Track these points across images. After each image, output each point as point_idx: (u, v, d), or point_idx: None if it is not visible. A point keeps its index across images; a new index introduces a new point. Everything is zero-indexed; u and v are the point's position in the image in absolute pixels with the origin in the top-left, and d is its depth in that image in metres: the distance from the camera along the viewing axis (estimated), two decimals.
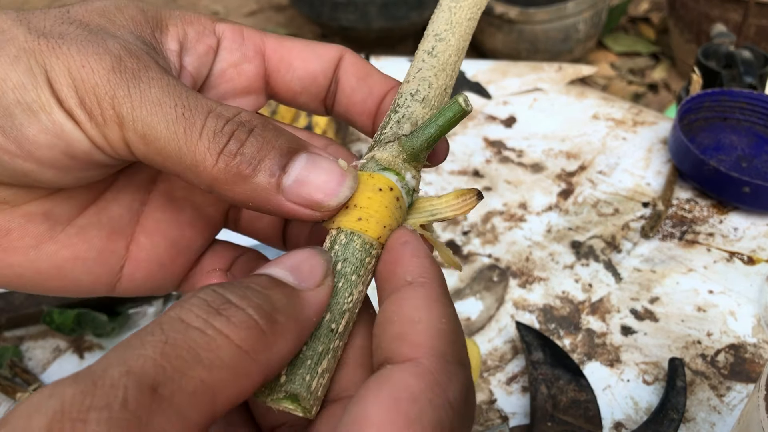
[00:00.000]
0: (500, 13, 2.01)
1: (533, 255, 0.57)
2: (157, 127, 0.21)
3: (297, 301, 0.20)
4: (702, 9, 1.83)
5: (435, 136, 0.25)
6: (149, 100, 0.21)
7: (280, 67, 0.27)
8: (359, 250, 0.23)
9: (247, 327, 0.18)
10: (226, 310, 0.18)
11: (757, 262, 0.55)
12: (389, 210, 0.24)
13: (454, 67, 0.28)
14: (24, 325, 0.51)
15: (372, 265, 0.23)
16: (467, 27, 0.29)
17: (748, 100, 0.67)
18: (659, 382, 0.47)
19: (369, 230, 0.23)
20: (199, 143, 0.21)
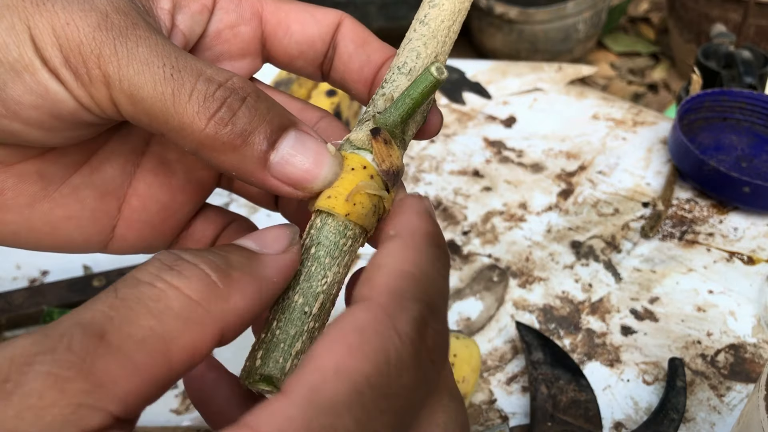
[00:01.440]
0: (500, 13, 2.01)
1: (533, 255, 0.57)
2: (145, 87, 0.21)
3: (255, 261, 0.21)
4: (702, 9, 1.83)
5: (408, 110, 0.24)
6: (136, 59, 0.21)
7: (277, 31, 0.27)
8: (332, 233, 0.23)
9: (198, 279, 0.18)
10: (178, 266, 0.19)
11: (757, 262, 0.55)
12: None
13: (447, 32, 0.26)
14: (24, 325, 0.51)
15: (349, 246, 0.23)
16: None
17: (748, 100, 0.67)
18: (659, 382, 0.47)
19: (336, 207, 0.23)
20: (188, 106, 0.21)
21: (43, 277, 0.56)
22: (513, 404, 0.46)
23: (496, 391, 0.46)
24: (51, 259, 0.57)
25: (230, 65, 0.27)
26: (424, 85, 0.23)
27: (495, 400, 0.46)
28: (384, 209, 0.24)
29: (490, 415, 0.45)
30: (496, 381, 0.47)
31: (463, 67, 0.82)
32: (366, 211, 0.23)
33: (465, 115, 0.74)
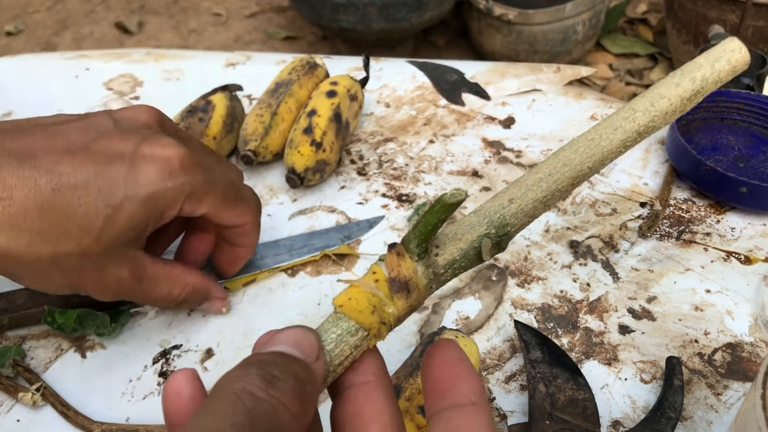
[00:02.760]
0: (499, 14, 2.01)
1: (531, 254, 0.57)
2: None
3: (311, 372, 0.24)
4: (700, 10, 1.84)
5: (421, 228, 0.26)
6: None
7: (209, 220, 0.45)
8: (328, 322, 0.27)
9: (295, 396, 0.23)
10: (278, 382, 0.23)
11: (754, 262, 0.56)
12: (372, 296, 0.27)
13: (534, 184, 0.28)
14: (26, 324, 0.51)
15: (337, 336, 0.26)
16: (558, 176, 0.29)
17: (745, 101, 0.67)
18: (657, 380, 0.47)
19: (335, 300, 0.27)
20: (156, 302, 0.47)
21: None
22: (511, 402, 0.46)
23: (494, 389, 0.47)
24: None
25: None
26: (435, 207, 0.26)
27: (493, 398, 0.46)
28: (390, 316, 0.27)
29: None
30: (495, 379, 0.47)
31: (462, 68, 0.82)
32: (361, 307, 0.26)
33: (464, 116, 0.74)
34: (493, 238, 0.27)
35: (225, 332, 0.51)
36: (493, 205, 0.28)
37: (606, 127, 0.28)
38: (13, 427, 0.45)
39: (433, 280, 0.27)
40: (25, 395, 0.46)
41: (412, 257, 0.27)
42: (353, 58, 0.84)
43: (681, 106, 0.29)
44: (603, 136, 0.28)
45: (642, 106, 0.28)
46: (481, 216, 0.28)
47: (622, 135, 0.28)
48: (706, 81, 0.29)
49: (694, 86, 0.29)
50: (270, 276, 0.56)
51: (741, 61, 0.30)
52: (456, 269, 0.28)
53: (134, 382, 0.48)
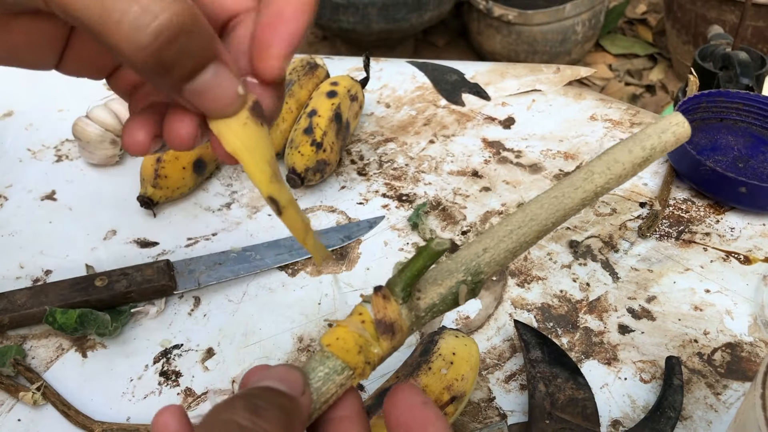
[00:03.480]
0: (499, 15, 2.01)
1: (531, 254, 0.57)
2: (73, 2, 0.21)
3: (296, 405, 0.25)
4: (699, 10, 1.84)
5: (408, 273, 0.28)
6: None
7: None
8: (315, 360, 0.28)
9: (279, 423, 0.23)
10: (263, 411, 0.23)
11: (754, 262, 0.56)
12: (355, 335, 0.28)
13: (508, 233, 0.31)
14: (27, 324, 0.51)
15: (325, 374, 0.27)
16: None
17: (744, 101, 0.67)
18: (656, 380, 0.47)
19: (323, 339, 0.28)
20: (118, 30, 0.21)
21: (46, 277, 0.56)
22: (511, 402, 0.46)
23: (494, 389, 0.47)
24: (54, 258, 0.58)
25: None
26: (422, 255, 0.27)
27: (493, 398, 0.46)
28: (375, 356, 0.28)
29: (489, 413, 0.45)
30: (495, 379, 0.47)
31: (462, 68, 0.82)
32: (348, 347, 0.27)
33: (464, 116, 0.75)
34: (468, 284, 0.30)
35: (226, 332, 0.51)
36: (469, 254, 0.30)
37: (568, 186, 0.32)
38: (14, 426, 0.45)
39: (414, 322, 0.29)
40: (26, 394, 0.46)
41: (396, 300, 0.28)
42: (353, 59, 0.84)
43: (632, 170, 0.33)
44: (565, 194, 0.31)
45: (599, 168, 0.32)
46: (458, 263, 0.30)
47: (581, 194, 0.32)
48: (654, 150, 0.33)
49: (644, 154, 0.33)
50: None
51: (684, 134, 0.34)
52: (435, 312, 0.30)
53: (135, 381, 0.48)
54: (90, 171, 0.67)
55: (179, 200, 0.63)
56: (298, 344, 0.50)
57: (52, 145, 0.71)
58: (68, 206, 0.63)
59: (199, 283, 0.54)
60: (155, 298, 0.53)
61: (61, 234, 0.60)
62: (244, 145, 0.26)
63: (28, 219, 0.62)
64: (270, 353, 0.50)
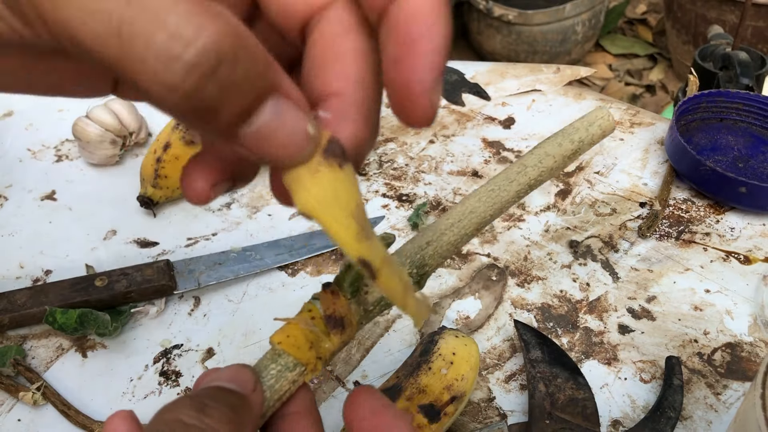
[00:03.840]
0: (499, 14, 2.01)
1: (531, 254, 0.57)
2: (88, 38, 0.16)
3: (246, 402, 0.25)
4: (699, 10, 1.84)
5: (354, 270, 0.28)
6: (78, 5, 0.16)
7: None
8: (267, 358, 0.28)
9: (227, 420, 0.23)
10: (209, 409, 0.23)
11: (754, 262, 0.56)
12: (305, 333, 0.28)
13: (449, 226, 0.31)
14: (27, 324, 0.51)
15: (277, 372, 0.27)
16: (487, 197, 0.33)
17: (744, 101, 0.67)
18: (656, 380, 0.47)
19: (273, 338, 0.28)
20: (142, 68, 0.16)
21: (46, 277, 0.56)
22: (511, 402, 0.46)
23: (494, 389, 0.47)
24: (54, 258, 0.58)
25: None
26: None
27: (493, 398, 0.46)
28: (327, 351, 0.28)
29: (489, 413, 0.45)
30: (495, 379, 0.47)
31: (462, 68, 0.82)
32: (299, 343, 0.27)
33: (464, 116, 0.75)
34: (414, 277, 0.30)
35: (226, 332, 0.51)
36: (413, 247, 0.31)
37: (503, 179, 0.33)
38: (14, 426, 0.45)
39: (363, 316, 0.30)
40: (26, 394, 0.46)
41: (345, 295, 0.28)
42: None
43: (563, 162, 0.34)
44: (501, 188, 0.33)
45: (531, 162, 0.34)
46: (403, 257, 0.30)
47: (516, 187, 0.33)
48: (582, 142, 0.35)
49: (573, 146, 0.34)
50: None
51: (609, 126, 0.35)
52: (383, 306, 0.30)
53: (135, 381, 0.48)
54: (90, 171, 0.67)
55: (179, 200, 0.63)
56: None
57: (52, 145, 0.71)
58: (68, 206, 0.63)
59: (199, 283, 0.54)
60: (155, 298, 0.53)
61: (61, 234, 0.60)
62: (317, 200, 0.21)
63: (28, 219, 0.62)
64: None
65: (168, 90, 0.16)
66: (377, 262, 0.22)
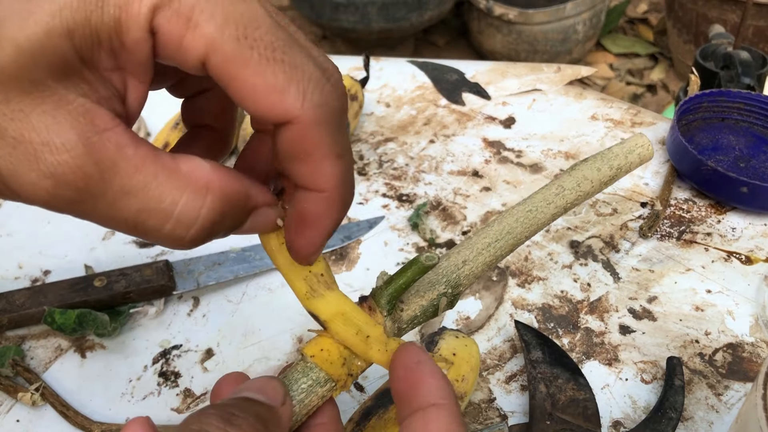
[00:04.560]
0: (499, 14, 2.01)
1: (532, 255, 0.57)
2: (120, 222, 0.22)
3: (275, 414, 0.25)
4: (700, 10, 1.84)
5: (395, 287, 0.28)
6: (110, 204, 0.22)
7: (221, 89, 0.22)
8: (297, 371, 0.27)
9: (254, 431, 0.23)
10: (236, 420, 0.22)
11: (755, 262, 0.56)
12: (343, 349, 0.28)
13: (486, 246, 0.31)
14: (26, 324, 0.51)
15: (308, 386, 0.27)
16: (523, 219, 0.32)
17: (745, 101, 0.67)
18: (657, 381, 0.47)
19: (306, 349, 0.28)
20: (162, 237, 0.23)
21: (45, 277, 0.56)
22: (512, 403, 0.46)
23: (495, 389, 0.47)
24: (53, 259, 0.57)
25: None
26: (411, 269, 0.27)
27: (494, 398, 0.46)
28: (359, 369, 0.28)
29: (489, 414, 0.45)
30: (495, 380, 0.47)
31: (462, 68, 0.82)
32: (332, 359, 0.27)
33: (464, 116, 0.74)
34: (448, 296, 0.30)
35: (225, 332, 0.51)
36: (449, 265, 0.31)
37: (541, 201, 0.33)
38: (12, 426, 0.45)
39: (396, 334, 0.29)
40: (25, 395, 0.46)
41: (381, 312, 0.28)
42: (353, 58, 0.84)
43: (599, 187, 0.34)
44: (539, 209, 0.32)
45: (569, 185, 0.33)
46: (439, 275, 0.30)
47: (553, 210, 0.33)
48: (620, 170, 0.35)
49: (611, 173, 0.34)
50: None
51: (647, 156, 0.36)
52: (415, 324, 0.30)
53: (134, 382, 0.48)
54: None
55: None
56: (297, 345, 0.50)
57: None
58: None
59: (199, 283, 0.53)
60: (154, 298, 0.53)
61: (59, 234, 0.60)
62: (280, 264, 0.27)
63: (27, 219, 0.62)
64: (269, 354, 0.50)
65: (185, 245, 0.23)
66: (325, 317, 0.27)
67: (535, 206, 0.32)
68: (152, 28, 0.21)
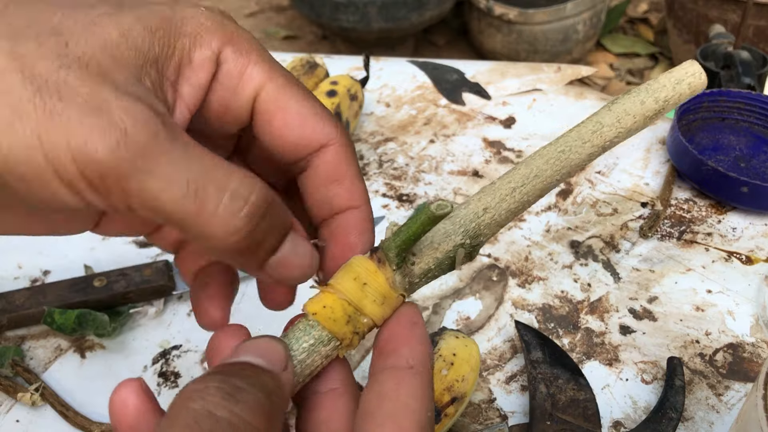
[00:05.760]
0: (499, 14, 2.01)
1: (532, 255, 0.57)
2: (168, 204, 0.21)
3: (279, 383, 0.23)
4: (700, 10, 1.83)
5: (404, 239, 0.26)
6: (159, 177, 0.21)
7: (263, 121, 0.26)
8: (299, 329, 0.26)
9: (260, 409, 0.21)
10: (240, 395, 0.21)
11: (755, 262, 0.56)
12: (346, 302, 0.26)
13: (510, 191, 0.28)
14: (25, 324, 0.51)
15: (310, 345, 0.25)
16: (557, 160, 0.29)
17: (746, 101, 0.67)
18: (658, 381, 0.47)
19: (308, 306, 0.26)
20: (212, 220, 0.21)
21: (44, 277, 0.56)
22: (512, 403, 0.46)
23: (495, 390, 0.47)
24: (52, 259, 0.57)
25: (222, 140, 0.28)
26: (420, 218, 0.25)
27: (494, 399, 0.46)
28: (363, 325, 0.26)
29: (490, 414, 0.45)
30: (496, 380, 0.47)
31: (462, 67, 0.82)
32: (336, 316, 0.25)
33: (464, 116, 0.74)
34: (467, 248, 0.27)
35: None
36: (468, 213, 0.28)
37: (575, 139, 0.29)
38: (12, 427, 0.45)
39: (407, 289, 0.27)
40: (25, 395, 0.46)
41: (390, 265, 0.26)
42: (353, 58, 0.83)
43: (643, 123, 0.30)
44: (572, 149, 0.29)
45: (609, 120, 0.30)
46: (456, 224, 0.28)
47: (589, 149, 0.29)
48: (668, 102, 0.31)
49: (657, 106, 0.30)
50: None
51: (699, 85, 0.31)
52: (429, 278, 0.28)
53: None
54: None
55: None
56: None
57: None
58: None
59: None
60: (154, 298, 0.53)
61: None
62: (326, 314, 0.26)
63: None
64: None
65: (230, 234, 0.22)
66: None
67: (568, 146, 0.29)
68: (219, 58, 0.25)
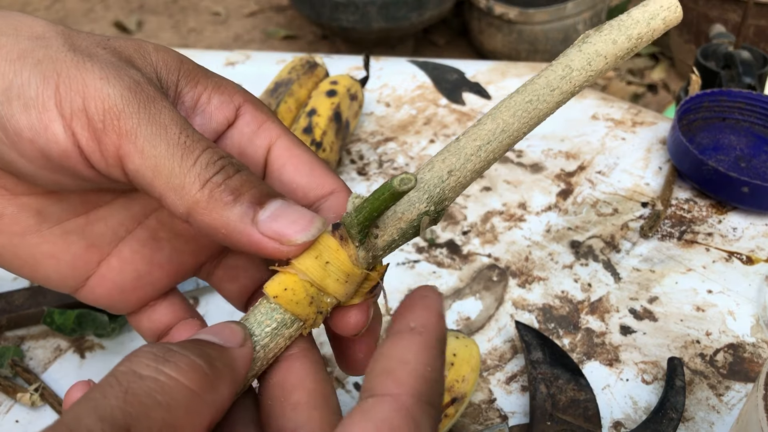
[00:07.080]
0: (500, 13, 2.01)
1: (532, 255, 0.57)
2: (158, 146, 0.23)
3: (227, 354, 0.23)
4: (701, 9, 1.83)
5: (366, 215, 0.24)
6: (157, 123, 0.23)
7: (274, 170, 0.28)
8: (260, 313, 0.25)
9: (193, 370, 0.20)
10: (172, 357, 0.20)
11: (756, 262, 0.56)
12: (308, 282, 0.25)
13: (476, 150, 0.27)
14: (25, 325, 0.51)
15: (273, 329, 0.25)
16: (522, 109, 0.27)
17: (746, 101, 0.67)
18: (658, 381, 0.47)
19: (268, 288, 0.25)
20: (191, 169, 0.23)
21: None
22: (512, 403, 0.46)
23: (495, 390, 0.47)
24: None
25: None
26: (382, 193, 0.23)
27: (494, 399, 0.46)
28: (328, 305, 0.25)
29: (490, 415, 0.45)
30: (496, 380, 0.47)
31: (462, 67, 0.82)
32: (298, 298, 0.24)
33: (465, 116, 0.74)
34: (431, 214, 0.26)
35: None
36: (432, 178, 0.26)
37: (543, 87, 0.27)
38: (12, 427, 0.45)
39: (371, 263, 0.26)
40: (24, 396, 0.46)
41: (353, 242, 0.25)
42: (353, 58, 0.83)
43: (614, 64, 0.28)
44: (540, 98, 0.27)
45: (579, 64, 0.28)
46: (420, 191, 0.26)
47: (558, 97, 0.27)
48: (641, 39, 0.28)
49: (629, 44, 0.28)
50: None
51: (674, 20, 0.29)
52: (393, 248, 0.27)
53: None
54: None
55: None
56: None
57: None
58: None
59: (198, 283, 0.53)
60: None
61: None
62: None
63: None
64: None
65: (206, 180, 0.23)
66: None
67: (536, 94, 0.27)
68: (238, 111, 0.28)
